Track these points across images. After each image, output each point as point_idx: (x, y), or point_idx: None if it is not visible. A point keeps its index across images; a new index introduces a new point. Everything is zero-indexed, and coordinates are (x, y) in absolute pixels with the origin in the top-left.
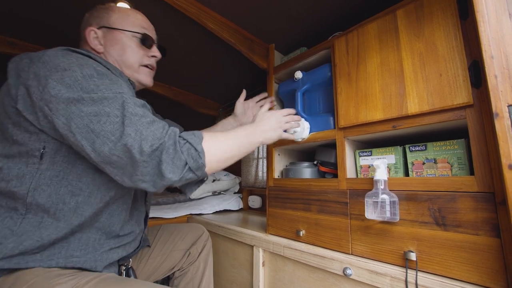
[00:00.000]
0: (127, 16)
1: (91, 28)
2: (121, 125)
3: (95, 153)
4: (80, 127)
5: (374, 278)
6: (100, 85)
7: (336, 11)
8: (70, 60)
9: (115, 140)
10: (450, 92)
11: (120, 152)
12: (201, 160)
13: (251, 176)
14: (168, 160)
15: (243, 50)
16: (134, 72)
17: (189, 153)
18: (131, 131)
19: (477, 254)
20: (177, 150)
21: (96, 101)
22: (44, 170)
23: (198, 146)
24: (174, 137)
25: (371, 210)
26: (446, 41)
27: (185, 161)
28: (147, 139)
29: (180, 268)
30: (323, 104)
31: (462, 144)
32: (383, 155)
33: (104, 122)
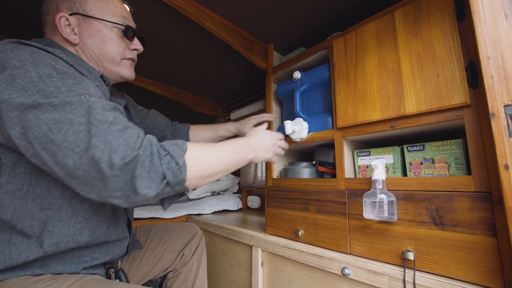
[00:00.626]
0: (105, 3)
1: (61, 14)
2: (86, 134)
3: (58, 166)
4: (38, 137)
5: (372, 277)
6: (61, 86)
7: (334, 11)
8: (23, 56)
9: (80, 152)
10: (448, 92)
11: (86, 166)
12: (182, 175)
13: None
14: (143, 174)
15: (241, 50)
16: (116, 66)
17: (169, 166)
18: (98, 141)
19: (474, 254)
20: (155, 162)
21: (56, 107)
22: (4, 183)
23: (180, 159)
24: (151, 147)
25: (369, 210)
26: (443, 42)
27: (163, 175)
28: (118, 150)
29: (174, 269)
30: (321, 104)
31: (460, 144)
32: (381, 155)
33: (66, 131)
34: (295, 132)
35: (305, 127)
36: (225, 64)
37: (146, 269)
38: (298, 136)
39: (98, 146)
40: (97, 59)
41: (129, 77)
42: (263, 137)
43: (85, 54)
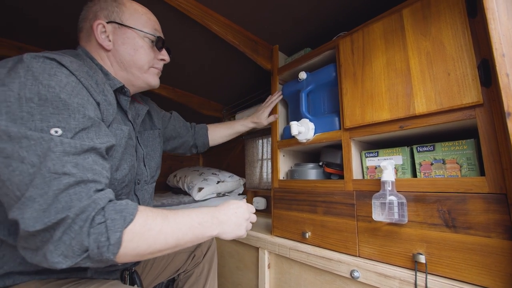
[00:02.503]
0: (140, 15)
1: (99, 21)
2: (32, 180)
3: None
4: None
5: (383, 281)
6: (36, 114)
7: (340, 11)
8: (17, 73)
9: (17, 197)
10: (459, 92)
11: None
12: (108, 254)
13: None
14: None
15: (247, 52)
16: (144, 73)
17: (97, 239)
18: (37, 194)
19: (489, 257)
20: (83, 229)
21: (12, 138)
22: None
23: (114, 235)
24: (91, 210)
25: (379, 211)
26: (454, 40)
27: (86, 247)
28: (50, 210)
29: (185, 270)
30: (327, 104)
31: (472, 144)
32: (390, 156)
33: (13, 170)
34: (301, 133)
35: (311, 128)
36: (231, 66)
37: (158, 270)
38: (304, 137)
39: (35, 200)
40: (127, 65)
41: (155, 84)
42: (236, 210)
43: (116, 60)
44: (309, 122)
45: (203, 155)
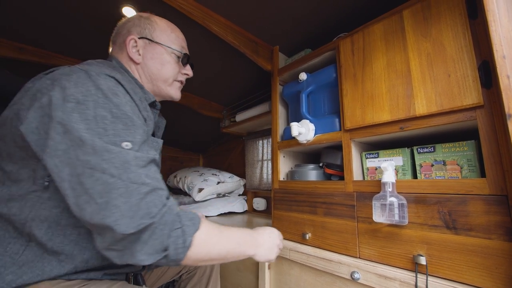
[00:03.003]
0: (169, 33)
1: (132, 36)
2: (113, 189)
3: (76, 207)
4: (72, 175)
5: (383, 282)
6: (109, 130)
7: (340, 12)
8: (89, 90)
9: (101, 204)
10: (459, 93)
11: (101, 220)
12: (182, 255)
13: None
14: (149, 242)
15: (247, 52)
16: (168, 86)
17: (176, 242)
18: (121, 202)
19: (490, 259)
20: (164, 233)
21: (96, 152)
22: (46, 199)
23: (188, 238)
24: (168, 216)
25: (379, 213)
26: (454, 41)
27: (166, 247)
28: (136, 216)
29: (187, 270)
30: (328, 105)
31: (472, 146)
32: (391, 157)
33: (96, 179)
34: (301, 134)
35: (311, 128)
36: (231, 67)
37: (161, 271)
38: (304, 138)
39: (120, 207)
40: (153, 78)
41: (176, 97)
42: (270, 235)
43: (144, 73)
44: (309, 123)
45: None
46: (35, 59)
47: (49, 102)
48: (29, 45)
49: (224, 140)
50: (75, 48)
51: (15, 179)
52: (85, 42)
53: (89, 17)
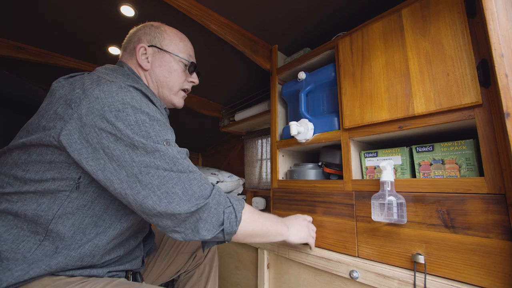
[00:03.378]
0: (178, 42)
1: (142, 44)
2: (168, 180)
3: (136, 203)
4: (129, 175)
5: (382, 281)
6: (151, 132)
7: (339, 11)
8: (124, 100)
9: (160, 195)
10: (458, 92)
11: (162, 208)
12: (236, 228)
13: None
14: (208, 219)
15: (246, 51)
16: (172, 94)
17: (229, 217)
18: (178, 189)
19: (488, 258)
20: (219, 210)
21: (148, 152)
22: (74, 198)
23: (238, 213)
24: (219, 196)
25: (378, 212)
26: (453, 40)
27: (222, 222)
28: (192, 198)
29: (186, 270)
30: (327, 104)
31: (471, 145)
32: (389, 156)
33: (152, 175)
34: (300, 133)
35: (310, 128)
36: (230, 66)
37: (160, 270)
38: (303, 137)
39: (177, 193)
40: (159, 85)
41: (179, 106)
42: (296, 218)
43: (151, 79)
44: (308, 122)
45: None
46: (34, 58)
47: (88, 112)
48: (27, 44)
49: (223, 139)
50: (73, 47)
51: (44, 179)
52: (84, 41)
53: (87, 16)
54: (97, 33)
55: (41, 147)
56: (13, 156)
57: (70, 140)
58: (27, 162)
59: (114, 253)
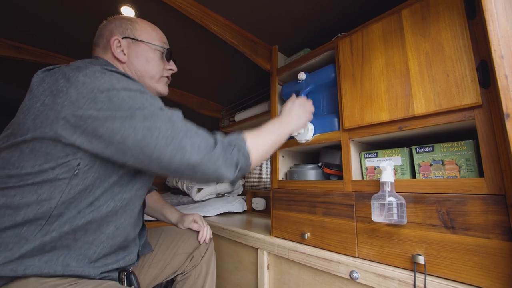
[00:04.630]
0: (151, 31)
1: (115, 37)
2: (174, 138)
3: (154, 163)
4: (137, 141)
5: (382, 281)
6: (145, 102)
7: (339, 11)
8: (111, 80)
9: (172, 150)
10: (458, 93)
11: (178, 162)
12: (249, 161)
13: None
14: (222, 164)
15: (246, 52)
16: (155, 82)
17: (239, 156)
18: (185, 142)
19: (488, 258)
20: (227, 155)
21: (147, 117)
22: (75, 185)
23: (244, 151)
24: (222, 143)
25: (378, 212)
26: (453, 41)
27: (236, 162)
28: (201, 149)
29: (183, 271)
30: (327, 105)
31: (471, 145)
32: (389, 157)
33: (157, 136)
34: (300, 134)
35: (310, 128)
36: (230, 66)
37: (156, 271)
38: (303, 138)
39: (186, 147)
40: (140, 75)
41: (164, 92)
42: (290, 109)
43: (130, 71)
44: (308, 123)
45: None
46: (33, 58)
47: (79, 98)
48: (26, 45)
49: None
50: (73, 48)
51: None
52: (83, 41)
53: (87, 17)
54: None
55: (34, 142)
56: (3, 157)
57: (67, 129)
58: (20, 159)
59: (109, 234)
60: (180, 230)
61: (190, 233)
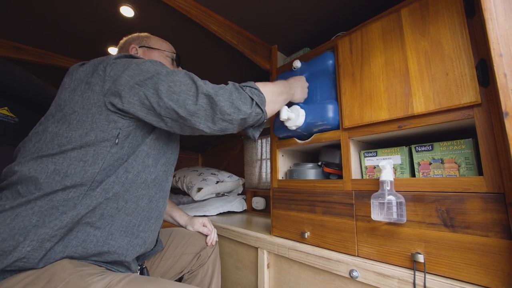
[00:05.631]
0: (162, 42)
1: (133, 45)
2: (193, 84)
3: (181, 108)
4: (164, 92)
5: (381, 280)
6: (164, 66)
7: (339, 11)
8: (137, 58)
9: (194, 93)
10: (457, 91)
11: (201, 100)
12: (263, 96)
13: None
14: (237, 98)
15: (245, 52)
16: None
17: (252, 92)
18: (201, 83)
19: (487, 256)
20: (241, 92)
21: (169, 73)
22: (114, 153)
23: (256, 88)
24: (234, 85)
25: (377, 211)
26: (452, 40)
27: (251, 98)
28: (214, 87)
29: (190, 270)
30: (320, 93)
31: (470, 144)
32: (389, 156)
33: (180, 85)
34: (290, 120)
35: (301, 114)
36: (229, 66)
37: (164, 269)
38: (293, 124)
39: (202, 86)
40: None
41: None
42: (301, 81)
43: None
44: (299, 108)
45: (202, 155)
46: (33, 58)
47: (116, 72)
48: (27, 45)
49: (223, 139)
50: (73, 48)
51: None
52: (83, 41)
53: (87, 17)
54: (96, 33)
55: (82, 113)
56: (51, 130)
57: (111, 96)
58: (68, 130)
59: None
60: (189, 232)
61: (198, 235)
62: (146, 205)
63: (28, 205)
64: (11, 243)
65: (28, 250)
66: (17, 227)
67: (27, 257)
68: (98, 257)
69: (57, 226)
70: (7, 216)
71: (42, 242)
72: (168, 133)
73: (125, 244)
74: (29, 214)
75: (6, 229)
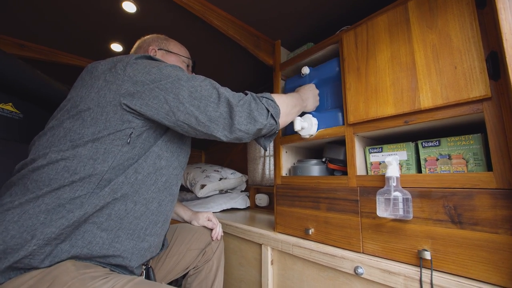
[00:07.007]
0: (180, 47)
1: (152, 47)
2: (213, 89)
3: (202, 114)
4: (186, 96)
5: (387, 277)
6: (184, 72)
7: (343, 4)
8: (158, 60)
9: (215, 99)
10: (466, 85)
11: (222, 107)
12: (278, 108)
13: (258, 174)
14: (254, 108)
15: (248, 47)
16: None
17: (268, 103)
18: (222, 90)
19: (497, 254)
20: (258, 102)
21: (190, 79)
22: (125, 152)
23: (272, 100)
24: (251, 95)
25: (383, 207)
26: (461, 32)
27: (266, 109)
28: (235, 95)
29: (195, 266)
30: (331, 100)
31: (479, 139)
32: (395, 152)
33: (201, 90)
34: (304, 129)
35: (314, 123)
36: (232, 61)
37: (170, 266)
38: (307, 133)
39: (224, 93)
40: None
41: None
42: (312, 91)
43: None
44: (312, 117)
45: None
46: (37, 56)
47: (136, 73)
48: (30, 42)
49: None
50: (75, 45)
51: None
52: (86, 38)
53: (89, 13)
54: (99, 29)
55: (97, 110)
56: (65, 126)
57: (128, 96)
58: (82, 127)
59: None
60: (194, 227)
61: (203, 230)
62: (155, 209)
63: (36, 202)
64: (19, 241)
65: (34, 248)
66: (25, 225)
67: (33, 255)
68: (103, 259)
69: (64, 225)
70: (16, 213)
71: (48, 240)
72: (181, 136)
73: (130, 248)
74: (36, 212)
75: (14, 226)
